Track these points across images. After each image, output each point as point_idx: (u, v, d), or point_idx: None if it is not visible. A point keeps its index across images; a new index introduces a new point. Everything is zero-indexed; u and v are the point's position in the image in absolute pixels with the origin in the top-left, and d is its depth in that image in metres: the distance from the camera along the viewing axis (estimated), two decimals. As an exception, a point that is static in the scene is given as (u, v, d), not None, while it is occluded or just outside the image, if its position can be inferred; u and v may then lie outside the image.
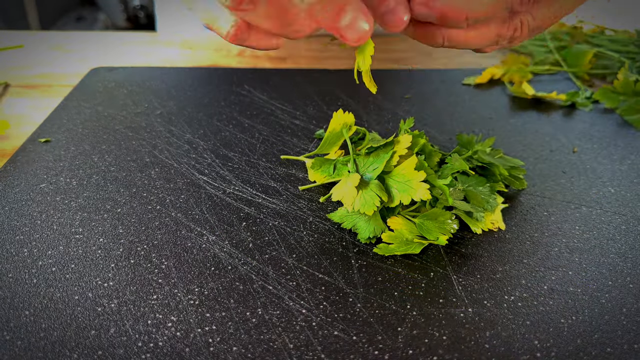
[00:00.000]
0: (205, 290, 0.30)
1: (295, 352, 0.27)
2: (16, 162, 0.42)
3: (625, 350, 0.27)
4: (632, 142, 0.47)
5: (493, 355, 0.27)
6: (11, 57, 0.65)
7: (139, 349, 0.26)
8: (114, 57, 0.66)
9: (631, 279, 0.32)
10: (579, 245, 0.34)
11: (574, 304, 0.30)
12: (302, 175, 0.41)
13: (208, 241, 0.34)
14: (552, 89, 0.57)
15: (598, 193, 0.40)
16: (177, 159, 0.43)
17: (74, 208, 0.37)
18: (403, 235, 0.33)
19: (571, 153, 0.45)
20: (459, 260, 0.33)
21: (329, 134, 0.39)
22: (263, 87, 0.56)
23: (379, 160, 0.34)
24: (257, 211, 0.37)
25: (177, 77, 0.58)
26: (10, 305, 0.29)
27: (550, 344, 0.27)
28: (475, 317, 0.29)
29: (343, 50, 0.71)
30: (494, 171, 0.37)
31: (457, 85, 0.59)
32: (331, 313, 0.29)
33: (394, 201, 0.32)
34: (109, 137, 0.46)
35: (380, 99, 0.55)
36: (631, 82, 0.50)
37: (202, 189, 0.39)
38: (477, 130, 0.49)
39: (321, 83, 0.58)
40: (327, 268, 0.32)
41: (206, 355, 0.26)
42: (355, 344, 0.27)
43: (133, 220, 0.36)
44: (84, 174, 0.41)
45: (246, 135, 0.47)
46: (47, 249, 0.33)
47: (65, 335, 0.27)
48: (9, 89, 0.57)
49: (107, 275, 0.31)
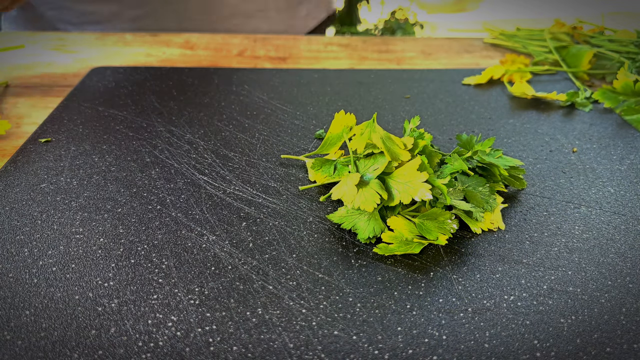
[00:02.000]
0: (206, 290, 0.30)
1: (295, 351, 0.27)
2: (17, 162, 0.42)
3: (625, 350, 0.27)
4: (632, 142, 0.47)
5: (493, 355, 0.27)
6: (11, 57, 0.65)
7: (139, 348, 0.27)
8: (114, 57, 0.66)
9: (630, 278, 0.32)
10: (578, 245, 0.34)
11: (574, 304, 0.30)
12: (302, 175, 0.41)
13: (208, 241, 0.34)
14: (552, 89, 0.57)
15: (597, 193, 0.40)
16: (177, 159, 0.43)
17: (75, 208, 0.37)
18: (403, 235, 0.33)
19: (571, 153, 0.45)
20: (459, 260, 0.33)
21: (330, 134, 0.39)
22: (263, 87, 0.56)
23: (379, 161, 0.34)
24: (257, 211, 0.37)
25: (177, 77, 0.58)
26: (10, 305, 0.29)
27: (549, 344, 0.27)
28: (475, 317, 0.29)
29: (343, 50, 0.71)
30: (494, 171, 0.37)
31: (457, 85, 0.59)
32: (331, 313, 0.29)
33: (394, 200, 0.33)
34: (109, 137, 0.46)
35: (381, 99, 0.55)
36: (631, 82, 0.50)
37: (203, 189, 0.39)
38: (477, 130, 0.49)
39: (321, 83, 0.58)
40: (327, 268, 0.32)
41: (206, 354, 0.26)
42: (355, 343, 0.27)
43: (133, 220, 0.36)
44: (85, 173, 0.41)
45: (246, 135, 0.47)
46: (48, 249, 0.33)
47: (65, 335, 0.27)
48: (10, 89, 0.57)
49: (108, 275, 0.31)
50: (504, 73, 0.59)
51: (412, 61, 0.68)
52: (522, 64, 0.61)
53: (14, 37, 0.72)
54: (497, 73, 0.59)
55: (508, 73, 0.59)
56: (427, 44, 0.75)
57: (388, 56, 0.70)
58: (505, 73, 0.59)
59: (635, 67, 0.57)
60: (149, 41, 0.72)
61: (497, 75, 0.59)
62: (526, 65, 0.61)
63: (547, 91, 0.56)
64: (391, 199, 0.33)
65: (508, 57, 0.62)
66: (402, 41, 0.76)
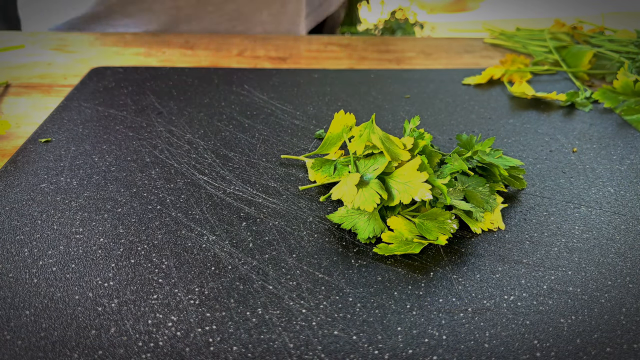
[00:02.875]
0: (206, 290, 0.30)
1: (295, 351, 0.27)
2: (17, 162, 0.42)
3: (625, 350, 0.27)
4: (632, 142, 0.47)
5: (493, 355, 0.27)
6: (11, 57, 0.65)
7: (139, 348, 0.27)
8: (114, 57, 0.66)
9: (630, 278, 0.32)
10: (578, 245, 0.34)
11: (574, 304, 0.30)
12: (302, 175, 0.41)
13: (208, 241, 0.34)
14: (552, 89, 0.57)
15: (597, 193, 0.40)
16: (177, 159, 0.43)
17: (75, 208, 0.37)
18: (403, 235, 0.33)
19: (571, 153, 0.45)
20: (459, 260, 0.33)
21: (330, 134, 0.39)
22: (263, 87, 0.56)
23: (379, 161, 0.34)
24: (257, 211, 0.37)
25: (177, 77, 0.58)
26: (10, 305, 0.29)
27: (549, 344, 0.27)
28: (475, 317, 0.29)
29: (343, 50, 0.71)
30: (494, 171, 0.37)
31: (457, 85, 0.59)
32: (331, 313, 0.29)
33: (394, 200, 0.33)
34: (109, 137, 0.46)
35: (381, 99, 0.55)
36: (631, 82, 0.50)
37: (203, 189, 0.39)
38: (477, 130, 0.49)
39: (321, 83, 0.58)
40: (327, 268, 0.32)
41: (206, 354, 0.26)
42: (355, 343, 0.27)
43: (133, 220, 0.36)
44: (85, 174, 0.41)
45: (246, 135, 0.47)
46: (48, 249, 0.33)
47: (65, 335, 0.27)
48: (10, 89, 0.57)
49: (108, 275, 0.31)
50: (504, 73, 0.60)
51: (412, 61, 0.68)
52: (522, 64, 0.61)
53: (14, 37, 0.72)
54: (497, 73, 0.59)
55: (508, 73, 0.59)
56: (427, 44, 0.75)
57: (388, 56, 0.70)
58: (505, 73, 0.60)
59: (635, 67, 0.57)
60: (149, 41, 0.72)
61: (497, 75, 0.59)
62: (526, 65, 0.61)
63: (547, 91, 0.56)
64: (391, 199, 0.33)
65: (508, 57, 0.62)
66: (402, 41, 0.76)
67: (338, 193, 0.34)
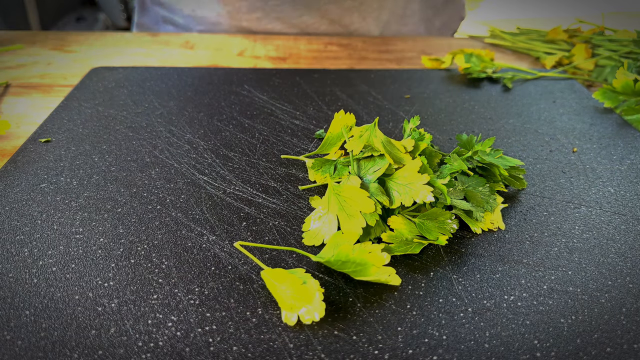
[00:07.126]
0: (206, 290, 0.30)
1: (295, 352, 0.27)
2: (16, 162, 0.42)
3: (625, 350, 0.27)
4: (632, 142, 0.47)
5: (493, 355, 0.27)
6: (11, 57, 0.65)
7: (139, 348, 0.27)
8: (114, 57, 0.66)
9: (631, 278, 0.32)
10: (578, 245, 0.34)
11: (574, 304, 0.30)
12: (302, 175, 0.41)
13: (208, 241, 0.34)
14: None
15: (598, 193, 0.40)
16: (177, 159, 0.43)
17: (75, 208, 0.37)
18: (403, 235, 0.33)
19: (571, 153, 0.45)
20: (459, 260, 0.33)
21: (330, 134, 0.39)
22: (263, 87, 0.56)
23: (379, 163, 0.34)
24: (257, 211, 0.37)
25: (177, 77, 0.58)
26: (10, 305, 0.29)
27: (550, 344, 0.27)
28: (475, 317, 0.29)
29: (343, 50, 0.71)
30: (494, 171, 0.37)
31: (457, 85, 0.59)
32: (331, 313, 0.29)
33: (395, 203, 0.33)
34: (109, 137, 0.46)
35: (380, 99, 0.55)
36: (631, 82, 0.50)
37: (203, 189, 0.39)
38: (477, 130, 0.49)
39: (321, 83, 0.58)
40: (328, 268, 0.32)
41: (206, 354, 0.26)
42: (355, 343, 0.27)
43: (133, 220, 0.36)
44: (85, 173, 0.41)
45: (246, 135, 0.47)
46: (48, 249, 0.33)
47: (65, 335, 0.27)
48: (9, 89, 0.57)
49: (108, 275, 0.31)
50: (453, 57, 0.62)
51: (412, 61, 0.68)
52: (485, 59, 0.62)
53: (14, 37, 0.72)
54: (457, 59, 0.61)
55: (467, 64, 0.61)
56: (427, 44, 0.75)
57: (388, 56, 0.70)
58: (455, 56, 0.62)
59: (635, 67, 0.57)
60: (148, 41, 0.72)
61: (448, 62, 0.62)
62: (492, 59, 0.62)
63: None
64: (392, 202, 0.33)
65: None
66: (402, 41, 0.76)
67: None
